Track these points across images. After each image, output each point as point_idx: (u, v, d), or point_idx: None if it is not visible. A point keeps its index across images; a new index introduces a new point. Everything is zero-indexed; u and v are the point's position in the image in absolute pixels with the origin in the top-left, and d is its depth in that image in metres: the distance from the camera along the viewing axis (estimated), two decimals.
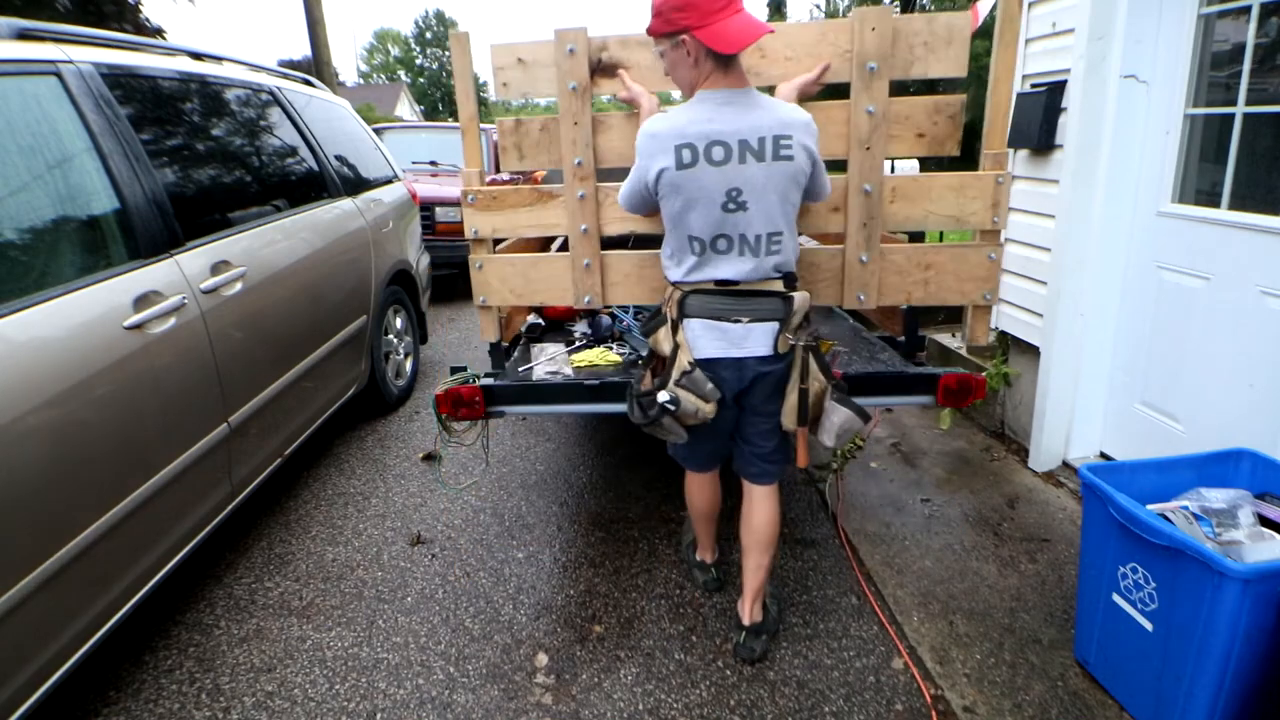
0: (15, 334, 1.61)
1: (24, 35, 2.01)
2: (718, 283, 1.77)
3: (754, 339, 1.78)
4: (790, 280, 1.79)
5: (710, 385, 1.76)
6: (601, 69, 1.91)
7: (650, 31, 1.72)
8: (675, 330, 1.81)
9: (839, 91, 1.94)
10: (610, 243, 2.13)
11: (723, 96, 1.68)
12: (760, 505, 2.01)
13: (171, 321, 2.05)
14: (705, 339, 1.79)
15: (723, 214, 1.70)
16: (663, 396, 1.76)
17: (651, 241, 2.04)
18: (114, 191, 2.00)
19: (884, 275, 1.96)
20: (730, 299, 1.77)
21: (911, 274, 1.96)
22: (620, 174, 1.92)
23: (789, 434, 1.88)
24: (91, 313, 1.81)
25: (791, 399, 1.81)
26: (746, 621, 2.05)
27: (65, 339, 1.72)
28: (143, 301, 1.97)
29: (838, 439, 1.82)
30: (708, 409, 1.78)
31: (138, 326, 1.92)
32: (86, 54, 2.13)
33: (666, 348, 1.83)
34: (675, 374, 1.78)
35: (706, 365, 1.79)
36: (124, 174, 2.04)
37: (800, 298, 1.78)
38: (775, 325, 1.77)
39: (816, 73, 1.89)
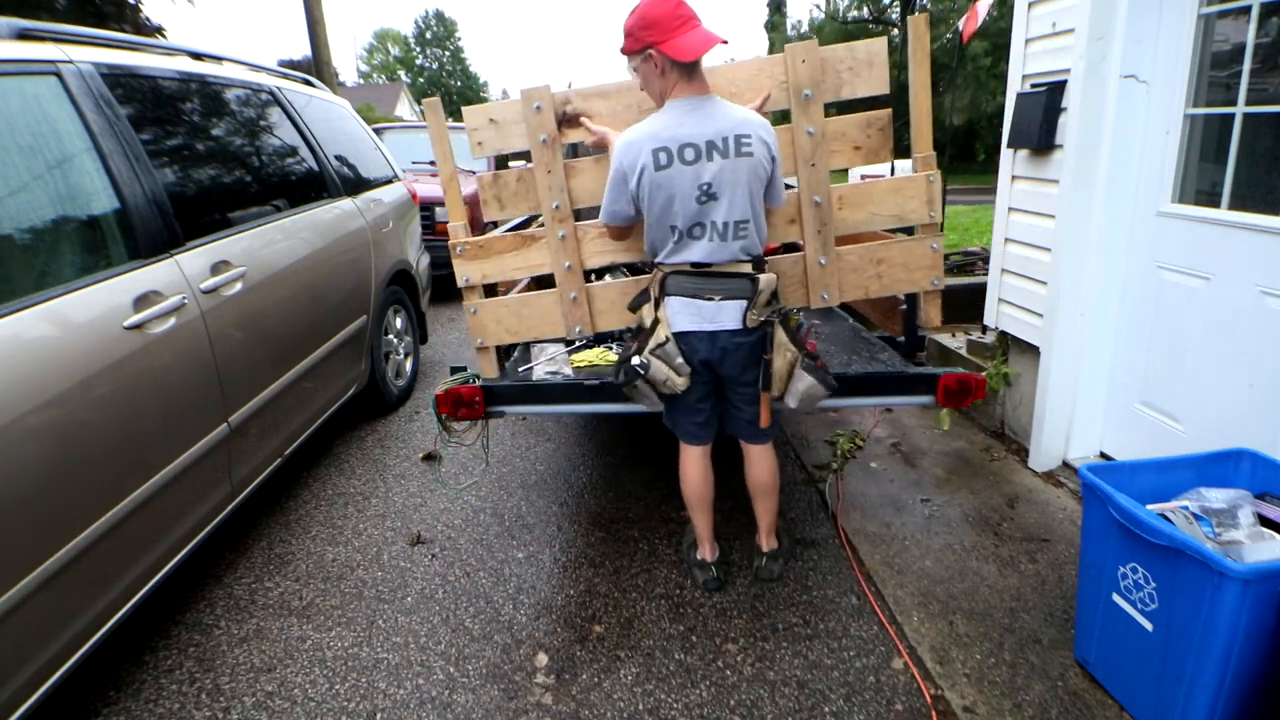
0: (16, 334, 1.61)
1: (24, 35, 2.01)
2: (693, 265, 1.97)
3: (725, 315, 1.98)
4: (759, 263, 2.00)
5: (680, 359, 2.00)
6: (566, 120, 2.09)
7: (623, 51, 1.93)
8: (657, 306, 2.03)
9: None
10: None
11: (689, 104, 1.90)
12: (758, 459, 2.26)
13: (171, 321, 2.05)
14: (683, 315, 2.00)
15: (697, 206, 1.91)
16: (635, 360, 1.99)
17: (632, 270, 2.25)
18: (114, 191, 2.00)
19: (842, 274, 2.14)
20: (703, 279, 1.98)
21: (866, 270, 2.14)
22: (593, 213, 2.09)
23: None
24: (91, 313, 1.81)
25: (776, 364, 2.00)
26: (765, 549, 2.38)
27: (65, 339, 1.72)
28: (143, 301, 1.97)
29: (801, 403, 2.04)
30: (679, 380, 2.02)
31: (138, 326, 1.92)
32: (86, 54, 2.13)
33: (648, 321, 2.05)
34: (651, 344, 2.01)
35: (683, 338, 2.01)
36: (124, 174, 2.04)
37: (766, 279, 1.98)
38: (744, 303, 1.97)
39: (759, 102, 2.08)
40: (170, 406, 2.03)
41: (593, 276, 2.30)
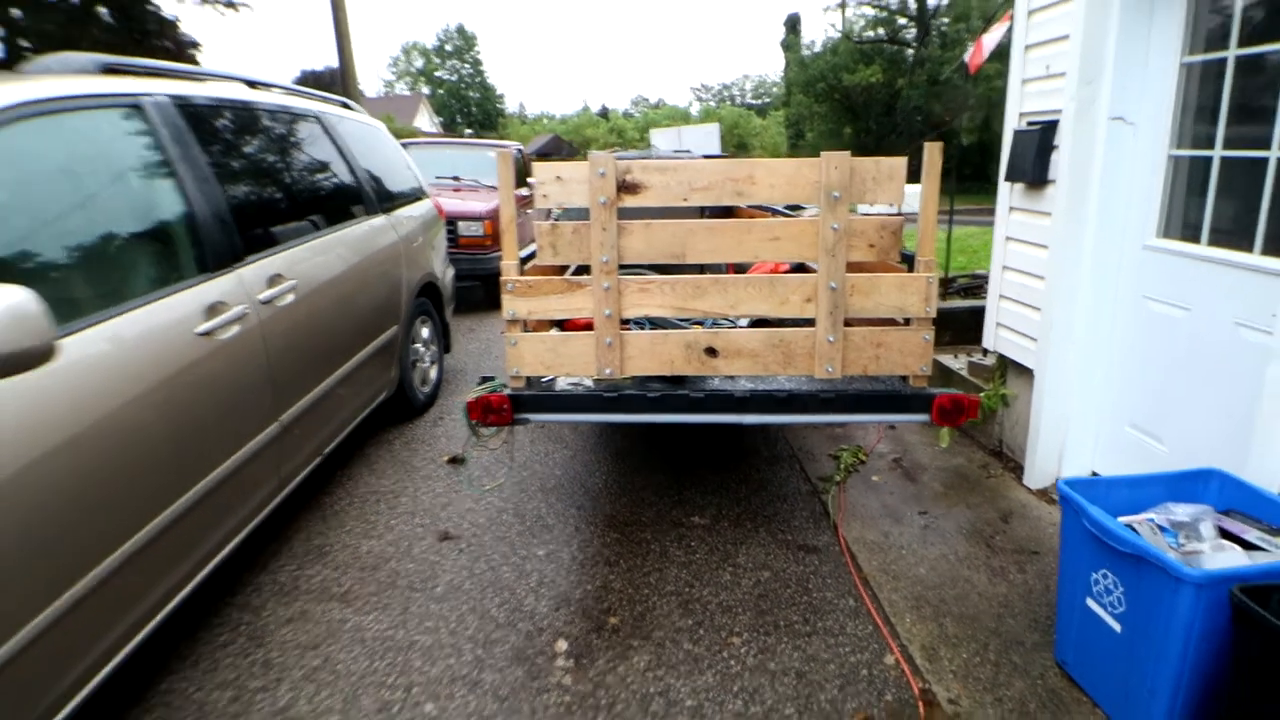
0: (117, 334, 1.83)
1: (107, 70, 2.25)
2: None
3: None
4: None
5: None
6: (625, 187, 2.28)
7: None
8: None
9: None
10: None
11: None
12: None
13: (235, 329, 2.26)
14: None
15: None
16: None
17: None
18: (188, 211, 2.22)
19: (846, 351, 2.38)
20: None
21: (867, 351, 2.38)
22: (636, 269, 2.35)
23: None
24: (170, 318, 2.03)
25: None
26: None
27: (152, 341, 1.94)
28: (211, 310, 2.18)
29: None
30: None
31: (208, 333, 2.14)
32: (160, 86, 2.36)
33: None
34: None
35: None
36: (196, 195, 2.26)
37: None
38: None
39: None
40: (234, 405, 2.24)
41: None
